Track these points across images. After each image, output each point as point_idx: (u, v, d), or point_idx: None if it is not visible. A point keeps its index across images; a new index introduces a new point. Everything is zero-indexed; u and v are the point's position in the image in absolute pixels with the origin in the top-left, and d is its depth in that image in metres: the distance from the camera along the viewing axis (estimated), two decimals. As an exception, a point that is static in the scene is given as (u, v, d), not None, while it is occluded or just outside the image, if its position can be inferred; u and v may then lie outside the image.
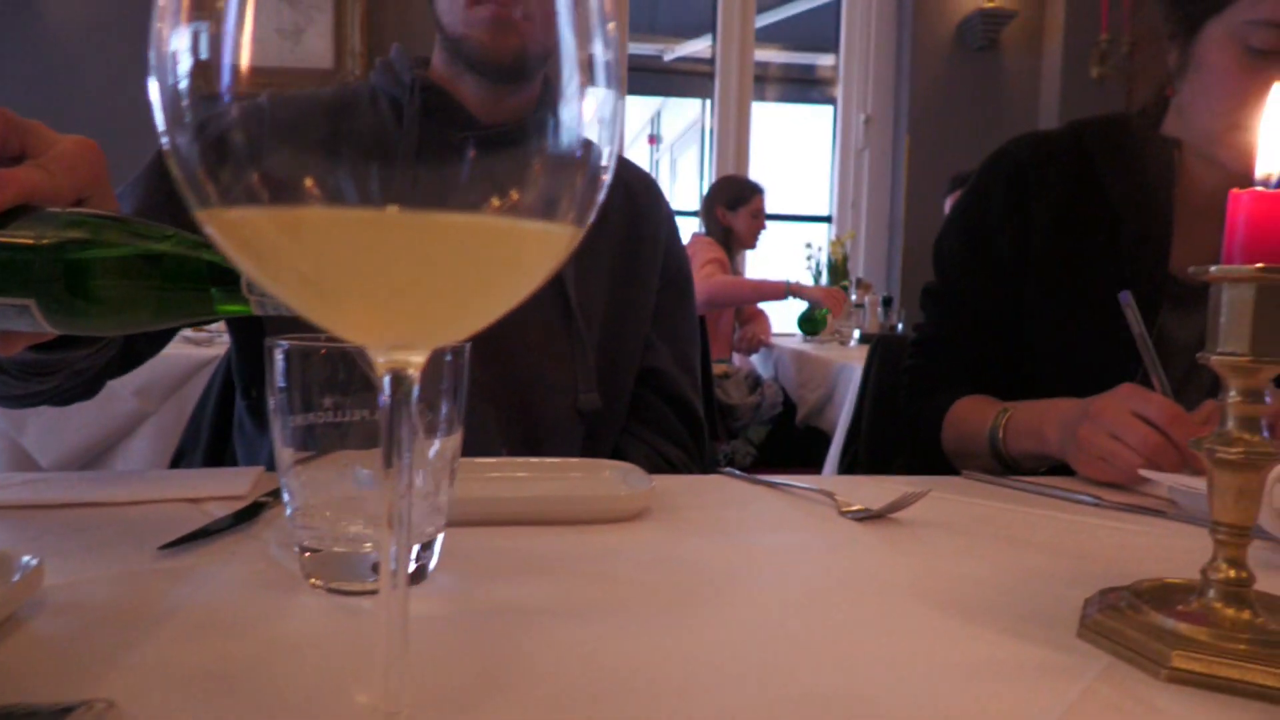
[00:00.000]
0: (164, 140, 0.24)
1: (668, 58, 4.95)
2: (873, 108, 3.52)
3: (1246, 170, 0.89)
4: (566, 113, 0.25)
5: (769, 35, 4.44)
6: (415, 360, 0.26)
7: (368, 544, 0.45)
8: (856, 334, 2.82)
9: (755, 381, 2.49)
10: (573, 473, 0.70)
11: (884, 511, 0.63)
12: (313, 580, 0.46)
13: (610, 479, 0.69)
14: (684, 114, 6.58)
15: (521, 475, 0.69)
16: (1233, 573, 0.41)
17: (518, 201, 0.24)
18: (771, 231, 3.30)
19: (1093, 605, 0.44)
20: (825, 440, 2.30)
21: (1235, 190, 0.40)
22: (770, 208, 3.77)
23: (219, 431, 1.03)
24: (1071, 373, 0.98)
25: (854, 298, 3.21)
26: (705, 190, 3.13)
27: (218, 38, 0.22)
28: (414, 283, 0.24)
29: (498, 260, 0.25)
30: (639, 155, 7.65)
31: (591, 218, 0.27)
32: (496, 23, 0.86)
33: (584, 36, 0.26)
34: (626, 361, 0.99)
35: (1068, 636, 0.43)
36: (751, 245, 3.10)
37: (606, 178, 0.27)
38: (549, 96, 0.28)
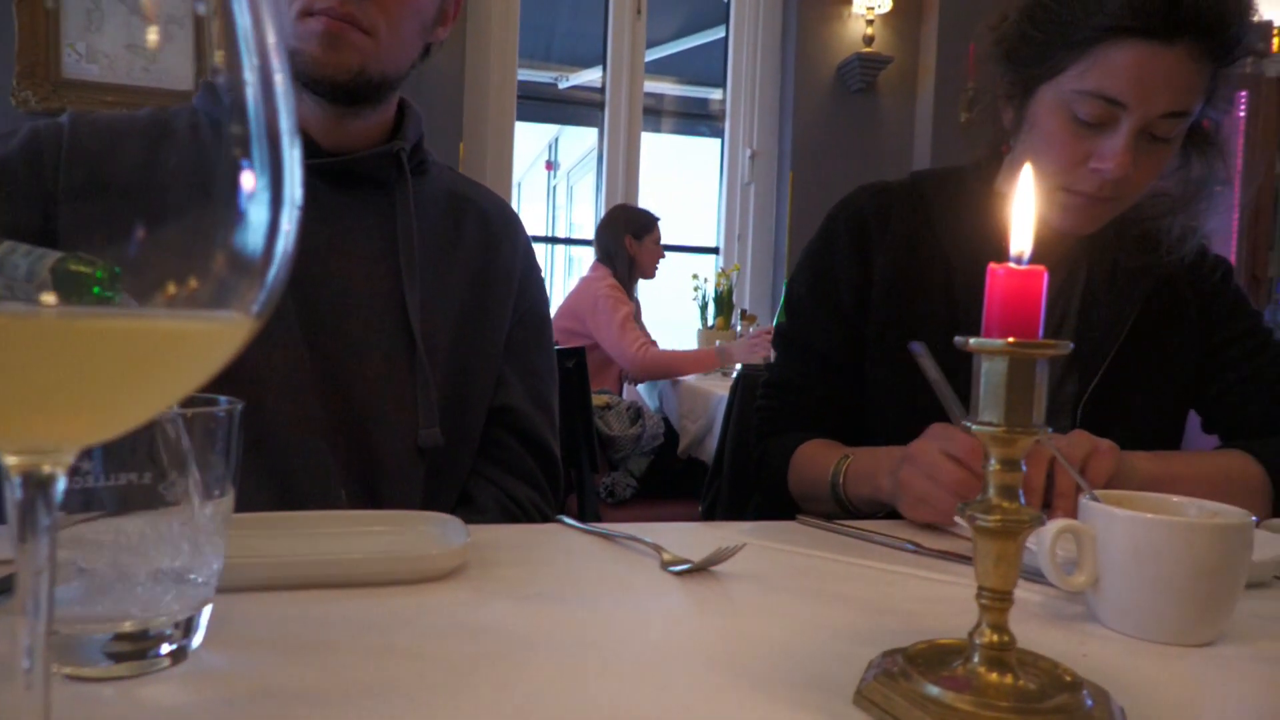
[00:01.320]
0: None
1: (563, 85, 4.96)
2: (758, 143, 3.61)
3: (1071, 229, 0.95)
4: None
5: (664, 68, 4.51)
6: (61, 460, 0.24)
7: (105, 622, 0.41)
8: (738, 365, 2.86)
9: (637, 412, 2.49)
10: (379, 527, 0.67)
11: (703, 565, 0.63)
12: (54, 666, 0.42)
13: (426, 534, 0.66)
14: (581, 141, 6.61)
15: (323, 531, 0.65)
16: (995, 637, 0.42)
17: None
18: (663, 262, 3.33)
19: (872, 669, 0.44)
20: (706, 472, 2.32)
21: (992, 265, 0.42)
22: (662, 238, 3.81)
23: None
24: (910, 416, 1.01)
25: (739, 329, 3.27)
26: (601, 218, 3.13)
27: None
28: (51, 389, 0.21)
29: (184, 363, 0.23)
30: (537, 180, 7.64)
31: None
32: (330, 37, 0.83)
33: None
34: (476, 398, 0.96)
35: (843, 704, 0.43)
36: (652, 275, 3.11)
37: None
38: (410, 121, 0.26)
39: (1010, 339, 0.40)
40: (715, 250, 3.80)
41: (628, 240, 2.95)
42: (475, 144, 3.29)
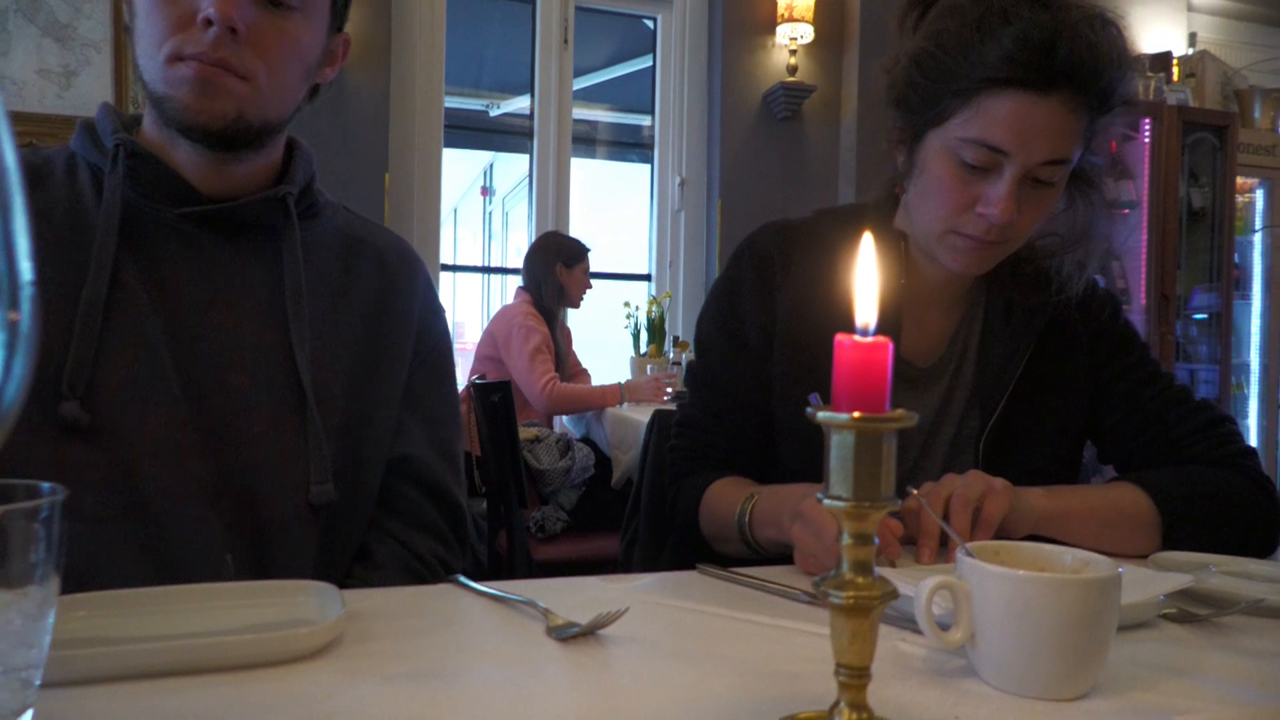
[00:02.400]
0: None
1: (494, 113, 4.95)
2: (687, 171, 3.64)
3: (963, 270, 0.97)
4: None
5: (597, 95, 4.53)
6: None
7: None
8: (670, 391, 2.87)
9: (566, 445, 2.47)
10: (248, 601, 0.63)
11: (587, 630, 0.61)
12: None
13: (298, 607, 0.63)
14: (515, 167, 6.59)
15: (187, 608, 0.62)
16: (854, 716, 0.41)
17: None
18: (595, 289, 3.33)
19: (736, 749, 0.43)
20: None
21: (839, 337, 0.41)
22: (594, 266, 3.81)
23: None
24: (819, 455, 1.01)
25: (671, 356, 3.27)
26: (531, 244, 3.11)
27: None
28: None
29: None
30: (473, 207, 7.59)
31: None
32: (202, 83, 0.79)
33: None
34: (372, 449, 0.93)
35: (703, 789, 0.41)
36: (578, 305, 3.10)
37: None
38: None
39: (856, 413, 0.39)
40: (648, 277, 3.81)
41: (559, 268, 2.94)
42: (402, 173, 3.25)
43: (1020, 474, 0.95)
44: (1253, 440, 3.87)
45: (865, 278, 0.42)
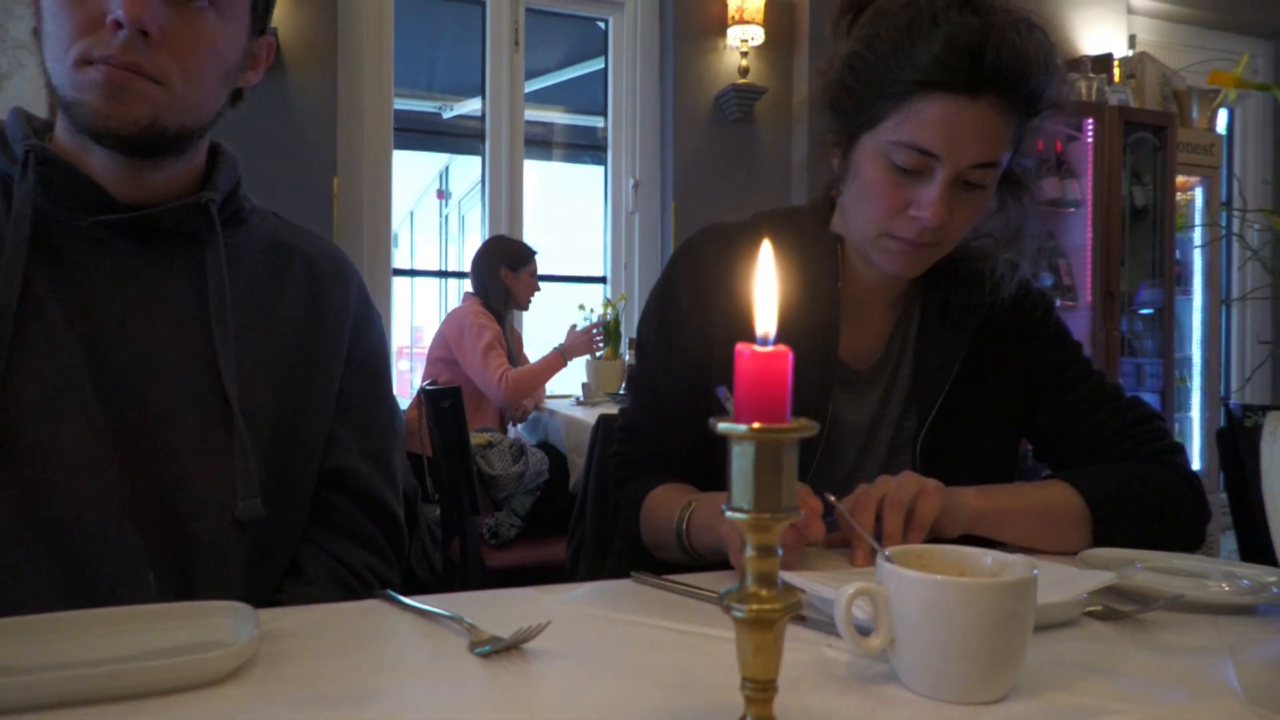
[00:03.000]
0: None
1: (447, 115, 4.91)
2: (641, 173, 3.64)
3: (897, 272, 0.98)
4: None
5: (552, 97, 4.50)
6: None
7: None
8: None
9: (520, 450, 2.45)
10: (159, 624, 0.61)
11: (508, 644, 0.60)
12: None
13: (214, 627, 0.61)
14: (471, 170, 6.54)
15: (92, 634, 0.59)
16: (760, 729, 0.41)
17: None
18: (550, 292, 3.31)
19: (646, 766, 0.43)
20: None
21: (739, 346, 0.41)
22: (550, 268, 3.78)
23: None
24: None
25: (628, 359, 3.26)
26: (478, 249, 3.09)
27: None
28: None
29: None
30: (429, 210, 7.51)
31: None
32: (113, 87, 0.76)
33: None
34: (304, 461, 0.91)
35: (610, 809, 0.41)
36: (526, 307, 3.09)
37: None
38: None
39: (755, 424, 0.39)
40: (603, 279, 3.80)
41: (504, 271, 2.93)
42: (351, 177, 3.20)
43: (957, 473, 0.96)
44: (1195, 432, 3.96)
45: (764, 286, 0.41)
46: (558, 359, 2.91)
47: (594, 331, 2.97)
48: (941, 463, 1.00)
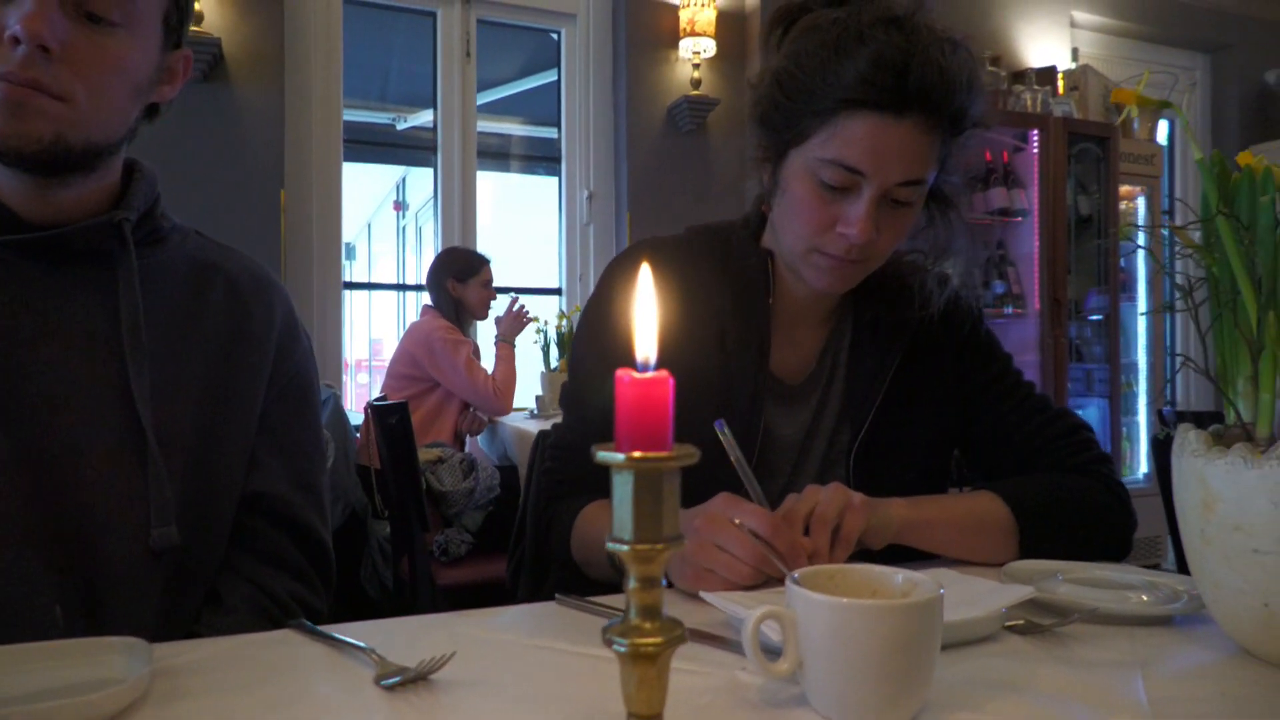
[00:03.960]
0: None
1: (401, 127, 4.86)
2: (595, 184, 3.63)
3: (826, 288, 0.98)
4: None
5: (507, 108, 4.48)
6: None
7: None
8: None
9: (470, 465, 2.42)
10: (42, 664, 0.58)
11: (412, 676, 0.58)
12: None
13: (106, 664, 0.59)
14: (428, 181, 6.48)
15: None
16: (646, 764, 0.40)
17: None
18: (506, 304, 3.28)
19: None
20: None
21: (619, 373, 0.40)
22: (505, 280, 3.75)
23: None
24: (692, 475, 1.00)
25: (582, 370, 3.25)
26: (430, 262, 3.07)
27: None
28: None
29: None
30: (387, 221, 7.43)
31: None
32: (12, 105, 0.74)
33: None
34: (224, 486, 0.89)
35: None
36: (483, 316, 3.06)
37: None
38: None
39: (633, 453, 0.38)
40: (558, 291, 3.78)
41: (450, 284, 2.91)
42: (299, 189, 3.16)
43: (891, 486, 0.96)
44: (1141, 436, 4.05)
45: (645, 311, 0.40)
46: (506, 349, 2.92)
47: (514, 307, 2.98)
48: (875, 475, 1.01)
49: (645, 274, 0.41)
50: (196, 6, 2.80)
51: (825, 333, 1.06)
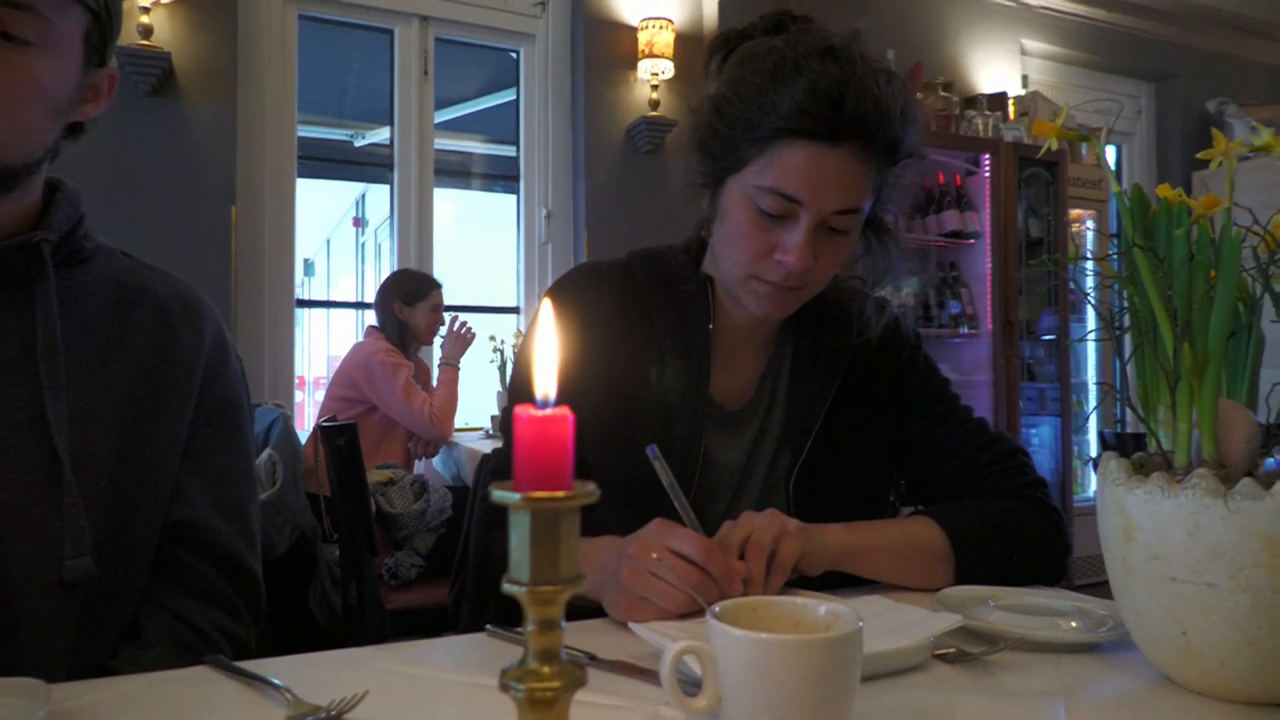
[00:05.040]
0: None
1: (359, 143, 4.82)
2: (554, 203, 3.63)
3: (764, 315, 0.98)
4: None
5: (469, 126, 4.47)
6: None
7: None
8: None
9: (422, 487, 2.39)
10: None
11: (328, 716, 0.57)
12: None
13: (4, 707, 0.56)
14: (387, 198, 6.44)
15: None
16: (544, 813, 0.38)
17: None
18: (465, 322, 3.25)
19: None
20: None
21: (518, 409, 0.39)
22: (462, 298, 3.72)
23: None
24: (627, 499, 0.99)
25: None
26: (380, 283, 3.04)
27: None
28: None
29: None
30: (346, 238, 7.35)
31: None
32: None
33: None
34: (145, 514, 0.86)
35: None
36: (429, 341, 3.03)
37: None
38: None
39: (530, 493, 0.37)
40: (516, 310, 3.77)
41: (397, 305, 2.87)
42: (251, 206, 3.11)
43: (831, 510, 0.96)
44: (1092, 454, 4.12)
45: (545, 345, 0.40)
46: (448, 372, 2.87)
47: (455, 327, 2.93)
48: (815, 500, 1.01)
49: (547, 310, 0.41)
50: (145, 20, 2.76)
51: (765, 358, 1.06)
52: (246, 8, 3.09)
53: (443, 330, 2.95)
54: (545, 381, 0.39)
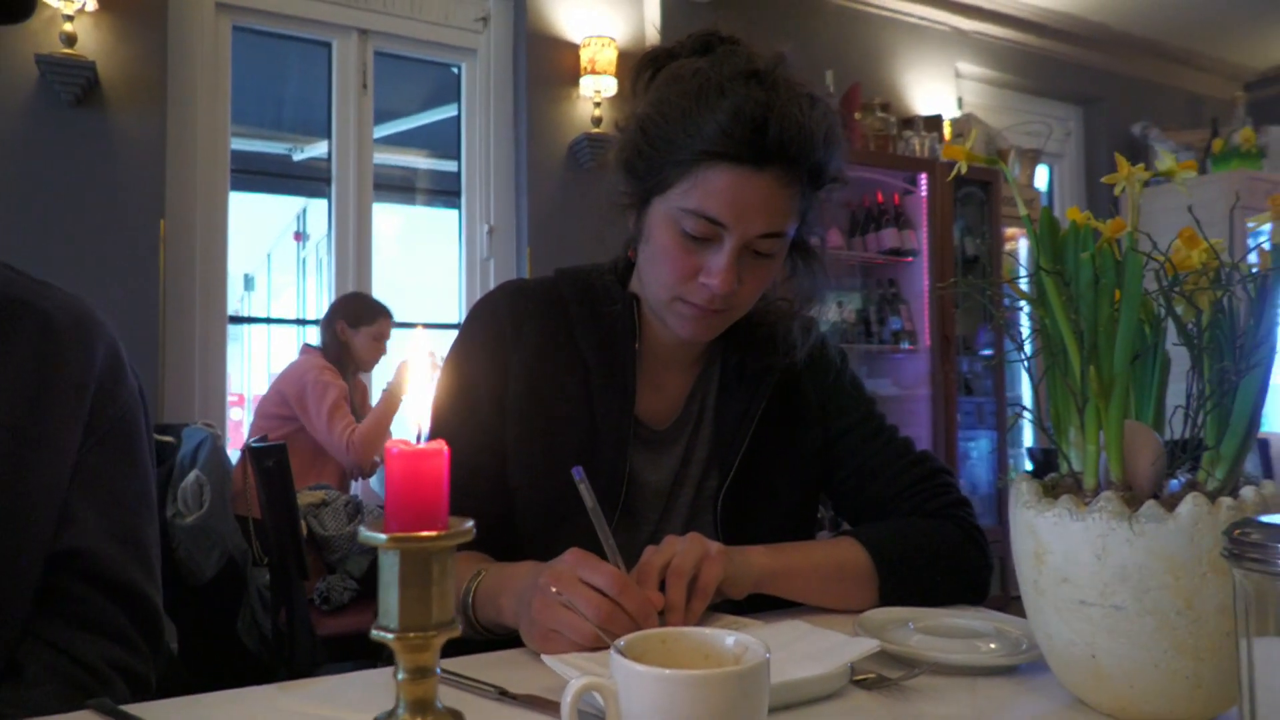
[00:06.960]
0: None
1: (297, 157, 4.73)
2: (496, 219, 3.60)
3: (690, 337, 0.97)
4: None
5: (412, 140, 4.41)
6: None
7: None
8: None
9: (355, 508, 2.33)
10: None
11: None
12: None
13: None
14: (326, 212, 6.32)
15: None
16: None
17: None
18: (403, 339, 3.19)
19: None
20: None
21: (390, 444, 0.37)
22: (404, 314, 3.66)
23: None
24: (551, 521, 0.97)
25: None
26: (331, 301, 2.97)
27: None
28: None
29: None
30: (286, 252, 7.20)
31: None
32: None
33: None
34: (27, 544, 0.80)
35: None
36: (369, 367, 2.96)
37: None
38: None
39: (398, 532, 0.35)
40: (458, 326, 3.72)
41: (340, 325, 2.81)
42: (183, 219, 3.02)
43: (758, 532, 0.95)
44: (1027, 468, 4.21)
45: (417, 379, 0.38)
46: (388, 400, 2.73)
47: (417, 357, 2.86)
48: (742, 522, 1.00)
49: (419, 339, 0.39)
50: (69, 28, 2.67)
51: (692, 378, 1.05)
52: (177, 18, 3.01)
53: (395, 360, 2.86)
54: (421, 415, 0.37)
